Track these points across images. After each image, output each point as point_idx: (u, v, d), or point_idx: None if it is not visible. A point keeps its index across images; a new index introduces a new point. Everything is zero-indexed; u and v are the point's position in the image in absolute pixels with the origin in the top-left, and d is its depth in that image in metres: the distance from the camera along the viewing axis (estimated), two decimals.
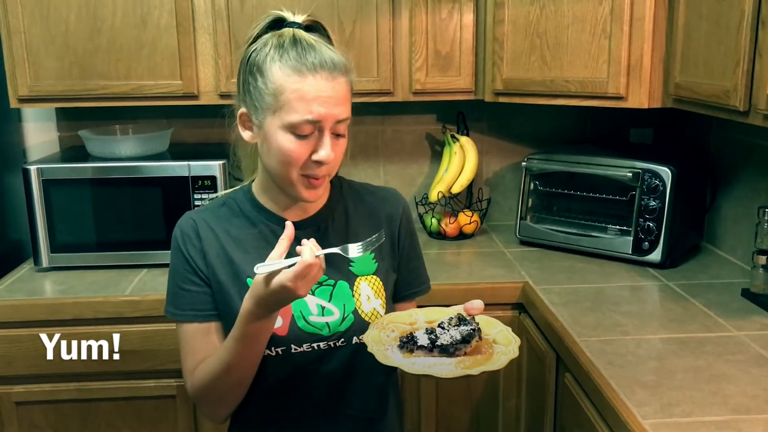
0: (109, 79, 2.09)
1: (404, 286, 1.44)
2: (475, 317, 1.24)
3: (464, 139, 2.42)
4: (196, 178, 2.08)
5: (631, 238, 2.08)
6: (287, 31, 1.23)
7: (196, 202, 2.07)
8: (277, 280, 1.10)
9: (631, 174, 2.06)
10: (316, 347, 1.29)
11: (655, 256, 2.04)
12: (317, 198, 1.28)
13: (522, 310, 1.98)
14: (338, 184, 1.41)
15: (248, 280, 1.27)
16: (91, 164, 2.11)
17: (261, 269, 1.10)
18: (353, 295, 1.32)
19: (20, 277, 2.10)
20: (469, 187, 2.50)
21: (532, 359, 1.89)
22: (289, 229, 1.14)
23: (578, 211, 2.27)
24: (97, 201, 2.11)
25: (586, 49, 1.97)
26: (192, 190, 2.09)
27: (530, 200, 2.33)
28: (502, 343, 1.21)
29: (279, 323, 1.27)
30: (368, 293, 1.34)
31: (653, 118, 2.44)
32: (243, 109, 1.26)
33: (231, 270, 1.29)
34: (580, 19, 1.96)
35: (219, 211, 1.35)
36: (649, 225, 2.04)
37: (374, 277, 1.36)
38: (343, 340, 1.30)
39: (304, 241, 1.11)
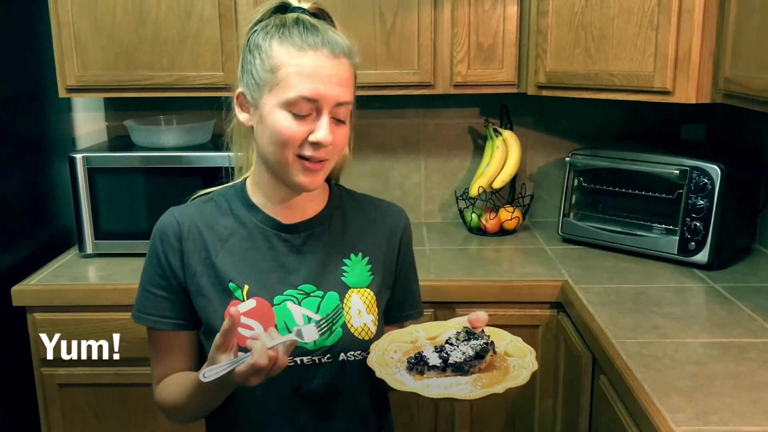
0: (153, 70, 2.12)
1: (397, 307, 1.36)
2: (485, 330, 1.17)
3: (507, 133, 2.38)
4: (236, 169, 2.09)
5: (677, 238, 2.01)
6: (291, 14, 1.19)
7: None
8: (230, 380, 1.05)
9: (678, 171, 1.99)
10: (298, 362, 1.20)
11: (702, 256, 1.97)
12: (315, 186, 1.19)
13: (560, 309, 1.93)
14: (337, 191, 1.33)
15: (230, 284, 1.21)
16: (135, 153, 2.15)
17: (209, 376, 1.02)
18: (343, 308, 1.23)
19: (65, 263, 2.15)
20: (512, 183, 2.45)
21: (569, 360, 1.85)
22: (234, 321, 1.03)
23: (623, 209, 2.20)
24: (140, 189, 2.15)
25: (632, 42, 1.90)
26: (231, 180, 2.09)
27: (574, 197, 2.27)
28: (515, 355, 1.14)
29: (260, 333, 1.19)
30: (359, 307, 1.24)
31: (706, 114, 2.36)
32: (240, 89, 1.20)
33: (212, 273, 1.21)
34: (627, 10, 1.90)
35: (204, 208, 1.27)
36: (696, 224, 1.97)
37: (368, 290, 1.27)
38: (329, 355, 1.21)
39: (257, 335, 1.04)
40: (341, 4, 2.08)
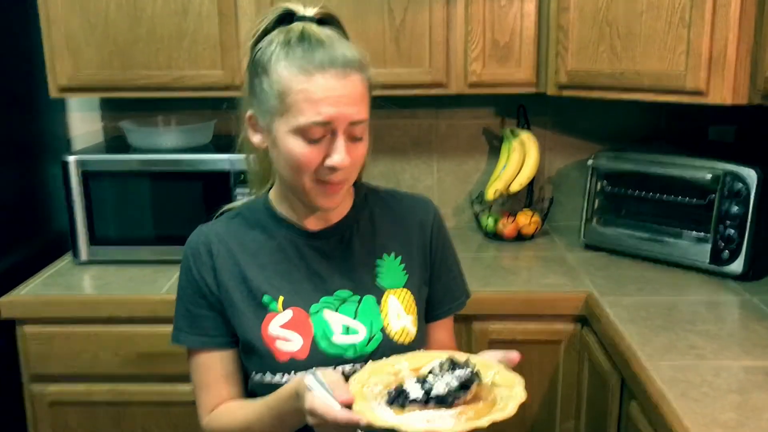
0: (150, 69, 2.01)
1: (437, 303, 1.31)
2: (470, 359, 1.08)
3: (525, 135, 2.25)
4: (237, 173, 1.98)
5: (710, 246, 1.88)
6: (296, 27, 1.12)
7: (237, 198, 1.97)
8: (305, 398, 1.01)
9: (711, 176, 1.86)
10: (340, 371, 1.15)
11: (737, 266, 1.84)
12: (335, 206, 1.17)
13: (584, 324, 1.81)
14: (361, 190, 1.30)
15: (264, 297, 1.18)
16: (131, 156, 2.04)
17: (308, 379, 1.01)
18: (381, 312, 1.20)
19: (58, 271, 2.05)
20: (530, 186, 2.33)
21: (594, 379, 1.73)
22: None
23: (650, 215, 2.07)
24: (137, 193, 2.03)
25: (661, 39, 1.77)
26: (233, 185, 1.99)
27: (597, 201, 2.14)
28: (503, 385, 1.06)
29: (299, 344, 1.16)
30: (398, 309, 1.22)
31: (735, 115, 2.22)
32: (250, 112, 1.16)
33: (245, 287, 1.19)
34: (656, 5, 1.76)
35: (232, 223, 1.25)
36: (729, 232, 1.84)
37: (404, 290, 1.24)
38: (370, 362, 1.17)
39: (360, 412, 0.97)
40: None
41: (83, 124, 2.40)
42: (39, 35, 2.01)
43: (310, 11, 1.16)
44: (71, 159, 2.00)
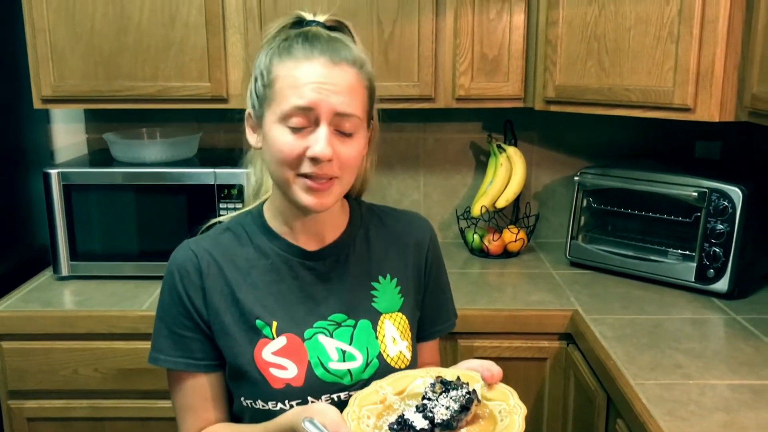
0: (135, 80, 1.98)
1: (427, 323, 1.28)
2: (460, 376, 1.06)
3: (511, 150, 2.25)
4: (221, 187, 1.96)
5: (695, 264, 1.88)
6: (299, 29, 1.11)
7: (222, 212, 1.95)
8: None
9: (696, 193, 1.86)
10: (335, 399, 1.12)
11: (722, 285, 1.84)
12: (322, 207, 1.10)
13: (570, 341, 1.80)
14: (357, 207, 1.25)
15: (257, 322, 1.12)
16: (114, 169, 2.00)
17: (307, 426, 0.96)
18: (377, 337, 1.16)
19: (38, 286, 2.01)
20: (516, 202, 2.32)
21: (580, 396, 1.71)
22: None
23: (636, 232, 2.07)
24: (120, 207, 2.00)
25: (649, 55, 1.77)
26: (217, 199, 1.97)
27: (583, 218, 2.14)
28: (494, 398, 1.03)
29: (294, 372, 1.11)
30: (393, 334, 1.18)
31: (722, 131, 2.23)
32: (249, 110, 1.14)
33: (237, 310, 1.13)
34: (644, 20, 1.77)
35: (222, 239, 1.18)
36: (715, 250, 1.84)
37: (399, 314, 1.20)
38: None
39: None
40: (336, 11, 1.95)
41: (67, 135, 2.38)
42: (24, 44, 1.99)
43: (321, 17, 1.15)
44: (53, 171, 1.97)
